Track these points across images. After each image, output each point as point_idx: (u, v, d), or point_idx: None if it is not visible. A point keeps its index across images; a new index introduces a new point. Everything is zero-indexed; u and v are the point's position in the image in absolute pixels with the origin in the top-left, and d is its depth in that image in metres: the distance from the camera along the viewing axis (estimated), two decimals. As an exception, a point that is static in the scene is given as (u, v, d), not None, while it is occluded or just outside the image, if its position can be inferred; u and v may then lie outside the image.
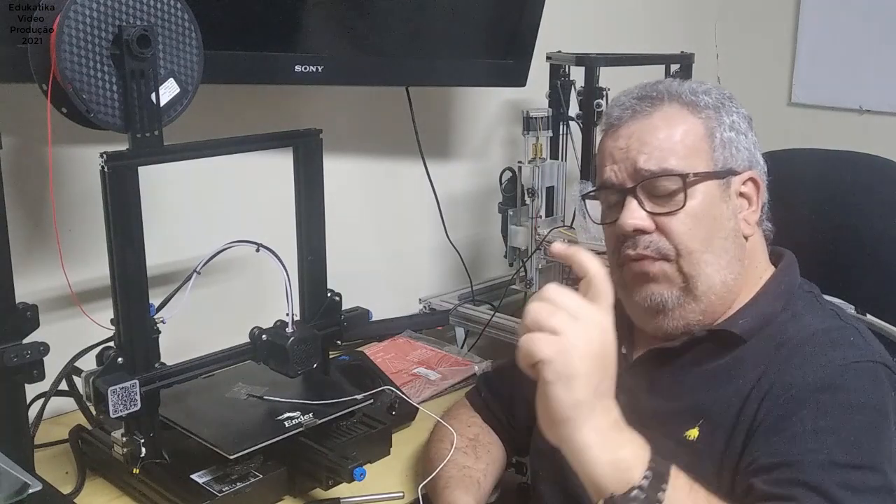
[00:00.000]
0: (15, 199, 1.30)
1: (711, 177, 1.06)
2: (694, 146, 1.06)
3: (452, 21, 1.78)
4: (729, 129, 1.08)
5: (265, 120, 1.54)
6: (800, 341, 1.02)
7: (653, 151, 1.06)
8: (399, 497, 1.24)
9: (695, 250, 1.05)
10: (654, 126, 1.07)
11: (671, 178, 1.04)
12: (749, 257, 1.10)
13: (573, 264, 0.87)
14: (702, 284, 1.06)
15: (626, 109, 1.09)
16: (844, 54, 2.52)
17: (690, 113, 1.08)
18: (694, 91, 1.09)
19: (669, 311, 1.08)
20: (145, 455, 1.17)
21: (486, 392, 1.36)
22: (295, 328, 1.24)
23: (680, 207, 1.04)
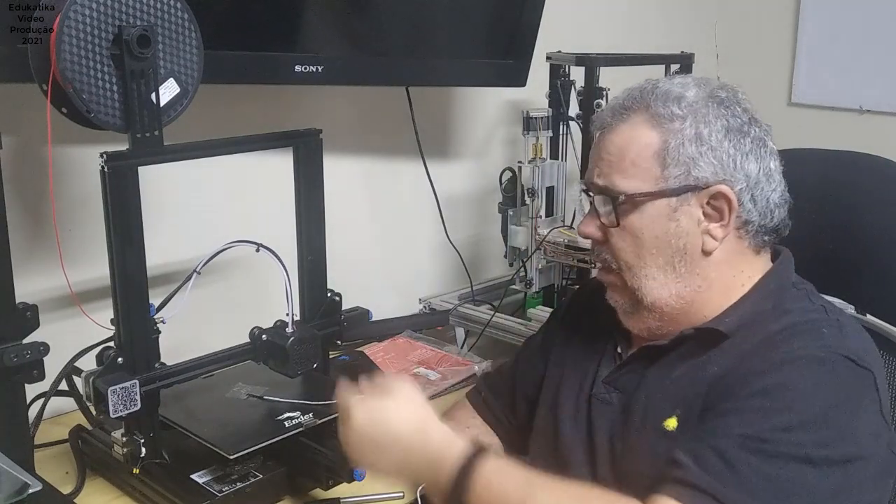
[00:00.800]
0: (15, 199, 1.30)
1: (656, 196, 1.05)
2: (643, 164, 1.05)
3: (452, 21, 1.78)
4: (691, 143, 1.04)
5: (265, 120, 1.54)
6: (774, 333, 1.03)
7: (604, 167, 1.08)
8: (399, 497, 1.24)
9: (633, 265, 1.08)
10: (613, 141, 1.08)
11: (610, 195, 1.07)
12: (717, 269, 1.08)
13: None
14: (646, 297, 1.08)
15: (602, 119, 1.12)
16: (844, 54, 2.52)
17: (651, 127, 1.05)
18: (667, 99, 1.06)
19: (629, 315, 1.12)
20: (145, 455, 1.18)
21: (486, 392, 1.36)
22: (295, 328, 1.24)
23: (614, 225, 1.08)
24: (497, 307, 1.88)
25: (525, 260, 1.84)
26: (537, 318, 1.79)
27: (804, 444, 0.92)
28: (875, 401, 1.00)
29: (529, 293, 1.90)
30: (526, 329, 1.77)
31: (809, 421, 0.94)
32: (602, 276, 1.13)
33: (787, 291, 1.10)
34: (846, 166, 1.29)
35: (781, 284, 1.10)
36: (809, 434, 0.93)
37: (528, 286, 1.85)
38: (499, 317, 1.85)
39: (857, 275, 1.24)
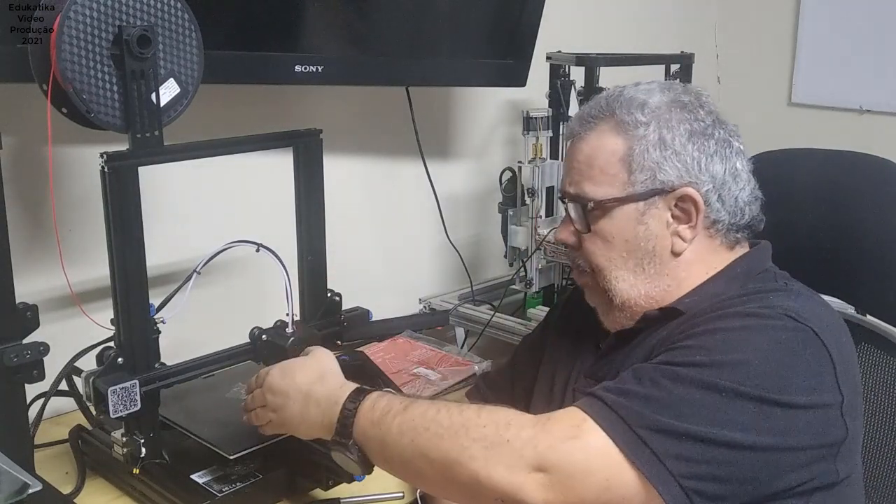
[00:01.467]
0: (15, 199, 1.30)
1: (624, 202, 1.07)
2: (609, 171, 1.08)
3: (452, 21, 1.78)
4: (655, 148, 1.06)
5: (265, 120, 1.54)
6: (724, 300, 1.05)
7: (574, 175, 1.12)
8: (399, 497, 1.24)
9: (604, 268, 1.11)
10: (581, 149, 1.11)
11: (580, 202, 1.10)
12: (687, 269, 1.09)
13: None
14: (617, 298, 1.11)
15: (571, 128, 1.15)
16: (844, 54, 2.52)
17: (616, 134, 1.08)
18: (630, 105, 1.08)
19: (605, 314, 1.14)
20: (145, 455, 1.18)
21: (485, 390, 1.37)
22: (295, 328, 1.24)
23: (586, 231, 1.10)
24: (497, 307, 1.88)
25: (525, 260, 1.84)
26: (537, 318, 1.79)
27: (719, 378, 0.92)
28: (823, 358, 0.97)
29: (529, 293, 1.90)
30: (526, 329, 1.77)
31: (729, 361, 0.93)
32: (577, 278, 1.17)
33: (753, 276, 1.10)
34: (846, 166, 1.29)
35: (748, 270, 1.11)
36: (726, 371, 0.92)
37: (528, 286, 1.85)
38: (499, 317, 1.85)
39: (856, 275, 1.24)
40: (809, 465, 0.95)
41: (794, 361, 0.95)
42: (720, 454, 0.90)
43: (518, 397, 1.31)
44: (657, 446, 0.89)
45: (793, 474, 0.94)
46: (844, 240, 1.24)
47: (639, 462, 0.89)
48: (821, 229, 1.25)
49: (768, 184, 1.15)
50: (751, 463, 0.91)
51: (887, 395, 1.26)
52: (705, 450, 0.90)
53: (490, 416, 0.94)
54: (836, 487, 0.99)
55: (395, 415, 0.99)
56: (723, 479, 0.91)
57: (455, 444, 0.93)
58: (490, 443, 0.92)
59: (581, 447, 0.90)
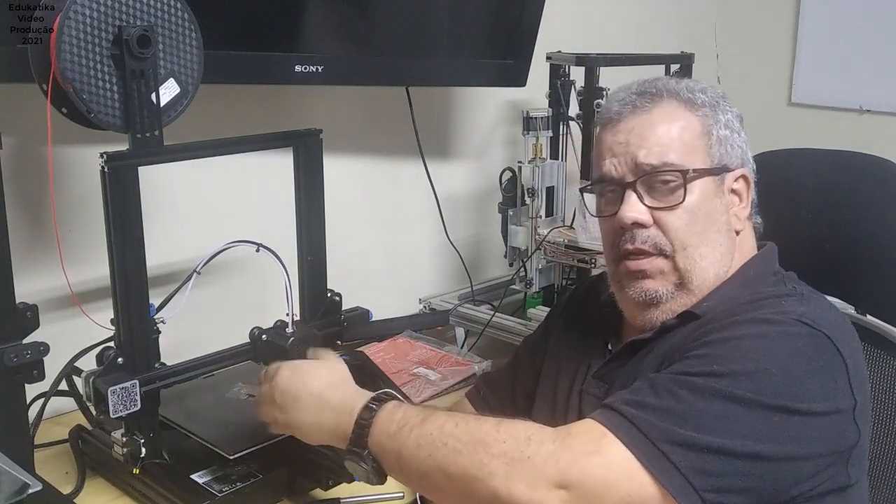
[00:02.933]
0: (15, 199, 1.30)
1: (708, 173, 1.08)
2: (692, 143, 1.08)
3: (452, 21, 1.78)
4: (724, 127, 1.10)
5: (265, 120, 1.54)
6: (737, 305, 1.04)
7: (652, 146, 1.07)
8: (399, 497, 1.24)
9: (690, 245, 1.07)
10: (654, 122, 1.08)
11: (671, 173, 1.06)
12: (739, 249, 1.12)
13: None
14: (696, 278, 1.08)
15: (625, 105, 1.10)
16: (844, 54, 2.52)
17: (688, 110, 1.09)
18: (691, 89, 1.11)
19: (662, 304, 1.09)
20: (145, 455, 1.18)
21: (485, 390, 1.37)
22: (295, 328, 1.24)
23: (679, 202, 1.06)
24: (497, 307, 1.88)
25: (525, 260, 1.84)
26: (537, 318, 1.79)
27: (739, 388, 0.91)
28: (838, 364, 0.97)
29: (529, 293, 1.90)
30: (526, 329, 1.77)
31: (747, 370, 0.93)
32: (648, 264, 1.08)
33: (765, 279, 1.11)
34: (846, 166, 1.29)
35: (761, 272, 1.12)
36: (743, 381, 0.92)
37: (528, 286, 1.85)
38: (499, 317, 1.85)
39: (856, 275, 1.24)
40: (825, 470, 0.95)
41: (810, 368, 0.95)
42: (742, 466, 0.89)
43: (519, 398, 1.31)
44: (679, 460, 0.88)
45: (809, 480, 0.94)
46: (844, 240, 1.24)
47: (661, 477, 0.88)
48: (821, 229, 1.25)
49: (768, 184, 1.15)
50: (771, 473, 0.91)
51: (887, 395, 1.26)
52: (727, 462, 0.89)
53: (509, 431, 0.92)
54: (847, 490, 0.99)
55: (411, 428, 0.97)
56: (744, 490, 0.90)
57: (474, 459, 0.91)
58: (510, 459, 0.90)
59: (602, 462, 0.89)
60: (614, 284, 1.14)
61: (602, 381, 1.14)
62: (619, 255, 1.11)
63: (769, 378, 0.92)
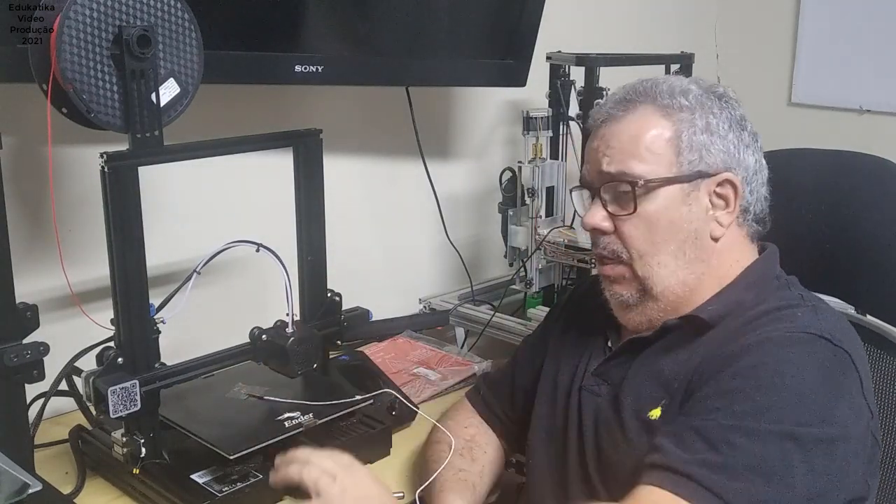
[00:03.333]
0: (15, 199, 1.30)
1: (671, 182, 1.07)
2: (657, 151, 1.07)
3: (452, 21, 1.78)
4: (702, 132, 1.08)
5: (265, 120, 1.54)
6: (751, 318, 1.04)
7: (614, 155, 1.09)
8: (399, 497, 1.24)
9: (646, 253, 1.09)
10: (621, 130, 1.09)
11: (624, 182, 1.07)
12: (719, 257, 1.10)
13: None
14: (657, 286, 1.09)
15: (603, 112, 1.12)
16: (844, 54, 2.52)
17: (662, 116, 1.08)
18: (672, 92, 1.10)
19: (633, 308, 1.12)
20: (145, 455, 1.18)
21: (485, 390, 1.37)
22: (295, 328, 1.24)
23: (631, 212, 1.07)
24: (497, 307, 1.88)
25: (525, 260, 1.84)
26: (537, 318, 1.79)
27: (785, 421, 0.93)
28: (855, 380, 1.00)
29: (529, 293, 1.89)
30: (526, 329, 1.77)
31: (789, 400, 0.94)
32: (608, 269, 1.12)
33: (769, 283, 1.11)
34: (846, 166, 1.29)
35: (764, 276, 1.12)
36: (790, 412, 0.93)
37: (528, 286, 1.85)
38: (499, 317, 1.85)
39: (856, 275, 1.24)
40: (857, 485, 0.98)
41: (843, 391, 0.98)
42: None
43: (518, 398, 1.31)
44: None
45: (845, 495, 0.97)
46: (844, 240, 1.24)
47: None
48: (821, 229, 1.25)
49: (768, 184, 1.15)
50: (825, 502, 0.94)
51: (887, 395, 1.26)
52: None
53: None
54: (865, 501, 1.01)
55: None
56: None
57: None
58: None
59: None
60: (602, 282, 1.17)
61: (601, 378, 1.15)
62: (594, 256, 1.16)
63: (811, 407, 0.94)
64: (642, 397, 1.08)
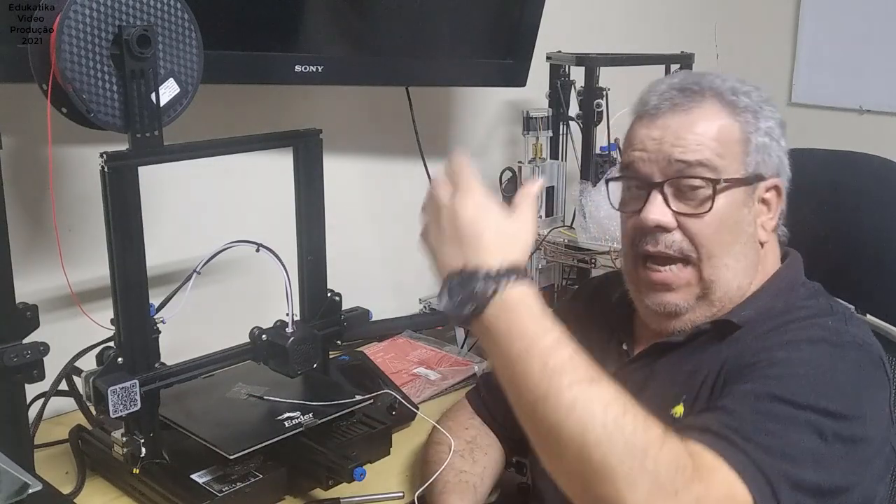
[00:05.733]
0: (15, 199, 1.30)
1: (740, 183, 1.05)
2: (729, 148, 1.05)
3: (452, 21, 1.78)
4: (764, 135, 1.07)
5: (265, 120, 1.54)
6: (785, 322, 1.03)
7: (689, 145, 1.04)
8: (399, 497, 1.24)
9: (716, 255, 1.05)
10: (692, 122, 1.04)
11: (701, 179, 1.03)
12: (763, 260, 1.10)
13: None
14: (719, 290, 1.06)
15: (665, 100, 1.06)
16: (844, 54, 2.52)
17: (729, 114, 1.06)
18: (735, 91, 1.07)
19: (681, 315, 1.08)
20: (145, 455, 1.18)
21: (486, 392, 1.36)
22: (295, 328, 1.24)
23: (707, 210, 1.03)
24: (497, 307, 1.88)
25: (525, 260, 1.83)
26: (537, 318, 1.78)
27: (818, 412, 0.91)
28: (885, 388, 1.00)
29: (529, 293, 1.89)
30: (526, 329, 1.77)
31: (824, 391, 0.93)
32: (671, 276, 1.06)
33: (797, 290, 1.11)
34: (846, 166, 1.29)
35: (792, 284, 1.11)
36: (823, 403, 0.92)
37: (528, 286, 1.84)
38: (499, 317, 1.85)
39: (857, 275, 1.24)
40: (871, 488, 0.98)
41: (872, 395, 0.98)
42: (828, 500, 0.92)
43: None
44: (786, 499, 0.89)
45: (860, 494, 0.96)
46: (845, 239, 1.24)
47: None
48: (821, 229, 1.25)
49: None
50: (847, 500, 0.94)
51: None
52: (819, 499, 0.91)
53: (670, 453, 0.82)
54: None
55: (578, 377, 0.83)
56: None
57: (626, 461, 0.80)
58: (659, 485, 0.80)
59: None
60: (632, 287, 1.12)
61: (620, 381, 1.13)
62: (639, 256, 1.09)
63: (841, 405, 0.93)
64: (666, 397, 1.06)
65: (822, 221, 1.25)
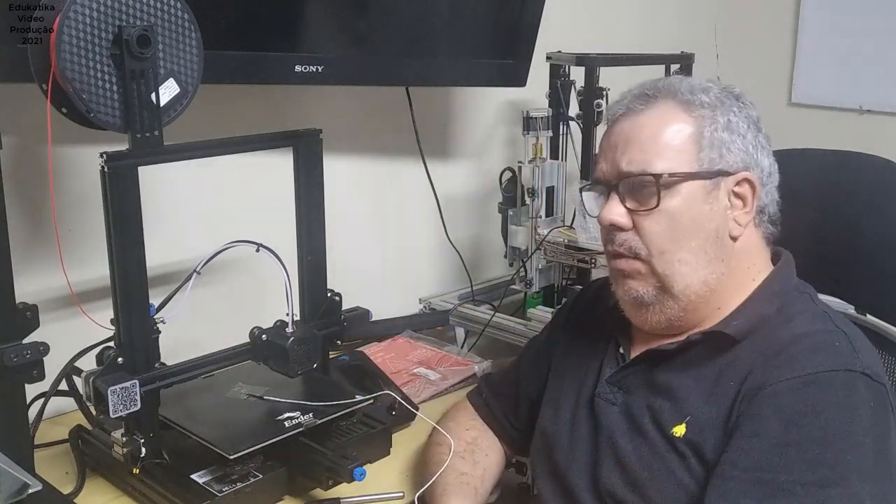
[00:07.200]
0: (15, 199, 1.30)
1: (693, 177, 1.06)
2: (679, 146, 1.07)
3: (452, 21, 1.78)
4: (723, 130, 1.07)
5: (265, 120, 1.54)
6: (785, 344, 1.03)
7: (634, 151, 1.07)
8: (399, 497, 1.24)
9: (667, 250, 1.07)
10: (642, 125, 1.08)
11: (647, 177, 1.06)
12: (737, 258, 1.10)
13: None
14: (677, 284, 1.07)
15: (621, 106, 1.11)
16: (844, 54, 2.52)
17: (683, 111, 1.08)
18: (692, 89, 1.09)
19: (649, 306, 1.10)
20: (145, 455, 1.18)
21: (487, 393, 1.36)
22: (295, 328, 1.24)
23: (654, 207, 1.06)
24: (497, 307, 1.88)
25: (525, 260, 1.84)
26: (537, 318, 1.79)
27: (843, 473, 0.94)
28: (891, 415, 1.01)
29: (529, 293, 1.90)
30: (526, 329, 1.77)
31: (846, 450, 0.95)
32: (625, 265, 1.10)
33: (790, 295, 1.10)
34: (846, 166, 1.29)
35: (784, 287, 1.11)
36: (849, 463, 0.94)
37: (528, 286, 1.85)
38: (499, 317, 1.85)
39: (857, 275, 1.24)
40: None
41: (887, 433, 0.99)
42: None
43: (522, 403, 1.31)
44: None
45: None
46: (844, 240, 1.24)
47: None
48: (821, 229, 1.25)
49: (770, 184, 1.15)
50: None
51: (887, 395, 1.26)
52: None
53: None
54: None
55: None
56: None
57: None
58: None
59: None
60: (612, 283, 1.15)
61: (616, 386, 1.13)
62: (608, 253, 1.13)
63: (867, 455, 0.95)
64: (664, 411, 1.06)
65: (822, 221, 1.25)
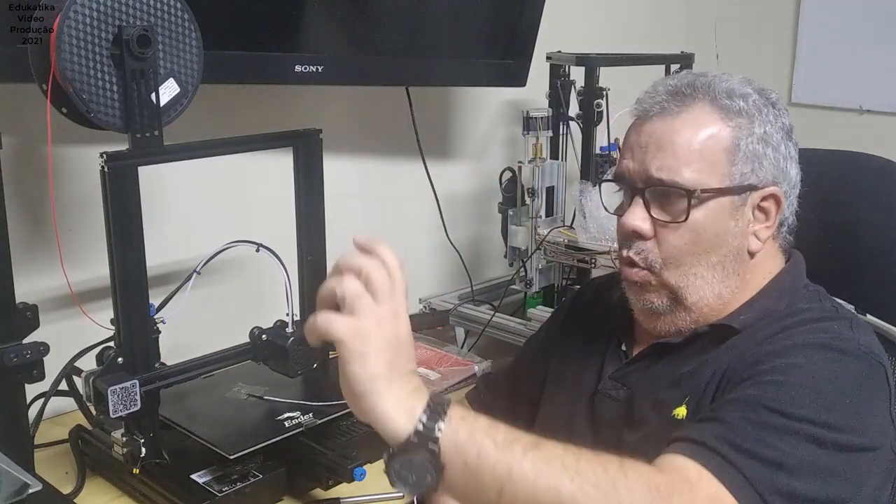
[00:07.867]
0: (15, 199, 1.30)
1: (723, 193, 1.03)
2: (712, 158, 1.02)
3: (452, 21, 1.78)
4: (758, 141, 1.03)
5: (265, 120, 1.54)
6: (788, 325, 1.03)
7: (666, 159, 1.02)
8: (399, 497, 1.24)
9: (684, 263, 1.05)
10: (676, 129, 1.03)
11: (677, 188, 1.02)
12: (753, 270, 1.08)
13: (374, 254, 0.95)
14: (691, 296, 1.06)
15: (655, 103, 1.05)
16: (844, 54, 2.52)
17: (720, 118, 1.03)
18: (731, 93, 1.04)
19: (662, 316, 1.08)
20: (145, 455, 1.18)
21: (485, 392, 1.37)
22: (295, 328, 1.24)
23: (682, 220, 1.03)
24: (497, 307, 1.88)
25: (525, 260, 1.84)
26: (537, 318, 1.79)
27: (815, 423, 0.91)
28: (886, 397, 1.00)
29: (529, 293, 1.90)
30: (526, 329, 1.77)
31: (823, 402, 0.92)
32: (636, 276, 1.07)
33: (798, 292, 1.10)
34: (846, 166, 1.29)
35: (794, 285, 1.10)
36: (821, 414, 0.91)
37: (528, 286, 1.85)
38: (499, 317, 1.85)
39: (857, 275, 1.24)
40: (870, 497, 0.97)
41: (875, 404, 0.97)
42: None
43: (520, 402, 1.31)
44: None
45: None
46: (844, 240, 1.24)
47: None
48: (821, 229, 1.25)
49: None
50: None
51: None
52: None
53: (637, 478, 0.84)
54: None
55: (526, 447, 0.83)
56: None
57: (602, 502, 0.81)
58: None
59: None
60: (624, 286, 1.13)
61: (620, 382, 1.13)
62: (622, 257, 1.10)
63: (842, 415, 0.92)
64: (667, 398, 1.06)
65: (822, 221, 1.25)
